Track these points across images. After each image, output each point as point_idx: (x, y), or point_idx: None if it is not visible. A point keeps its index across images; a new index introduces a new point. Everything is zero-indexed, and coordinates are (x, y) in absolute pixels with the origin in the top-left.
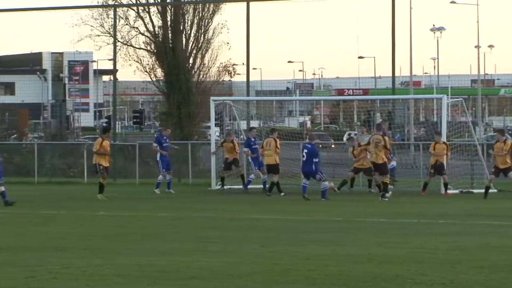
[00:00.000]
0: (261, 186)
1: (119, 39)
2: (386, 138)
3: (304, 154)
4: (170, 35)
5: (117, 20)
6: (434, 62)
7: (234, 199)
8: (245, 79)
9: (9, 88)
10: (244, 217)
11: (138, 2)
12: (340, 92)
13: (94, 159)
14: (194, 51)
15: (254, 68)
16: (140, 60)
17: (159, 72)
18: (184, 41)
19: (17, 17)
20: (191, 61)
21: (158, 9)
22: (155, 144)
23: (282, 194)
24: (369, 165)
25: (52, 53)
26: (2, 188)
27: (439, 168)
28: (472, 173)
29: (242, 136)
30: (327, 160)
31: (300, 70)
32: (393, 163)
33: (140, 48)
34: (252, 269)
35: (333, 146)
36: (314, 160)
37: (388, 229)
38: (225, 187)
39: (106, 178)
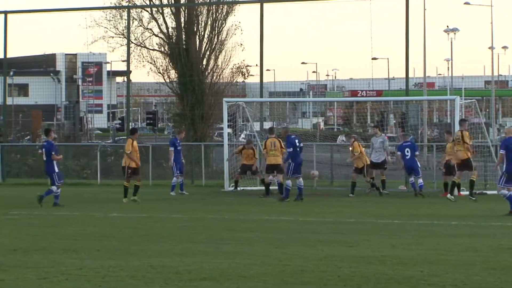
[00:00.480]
0: (276, 188)
1: (133, 41)
2: (466, 133)
3: (406, 151)
4: (183, 36)
5: (131, 22)
6: (447, 63)
7: (247, 201)
8: (258, 81)
9: (23, 90)
10: (256, 219)
11: (152, 3)
12: (354, 93)
13: (124, 161)
14: (208, 53)
15: (267, 69)
16: (154, 61)
17: (173, 74)
18: (197, 43)
19: (30, 18)
20: (204, 62)
21: (171, 11)
22: (171, 148)
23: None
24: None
25: (66, 54)
26: None
27: (452, 168)
28: (485, 175)
29: (255, 138)
30: (339, 162)
31: (313, 72)
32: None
33: (153, 50)
34: (264, 270)
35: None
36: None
37: (401, 231)
38: (239, 188)
39: (140, 180)
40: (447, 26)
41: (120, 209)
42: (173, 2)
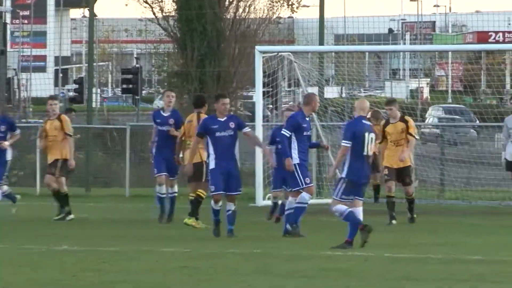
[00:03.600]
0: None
1: None
2: None
3: None
4: None
5: None
6: None
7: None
8: (315, 16)
9: None
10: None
11: None
12: (482, 36)
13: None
14: None
15: None
16: None
17: (169, 4)
18: None
19: None
20: None
21: None
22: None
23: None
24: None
25: None
26: None
27: None
28: None
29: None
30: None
31: (412, 0)
32: None
33: None
34: None
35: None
36: None
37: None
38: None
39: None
40: None
41: (73, 237)
42: None
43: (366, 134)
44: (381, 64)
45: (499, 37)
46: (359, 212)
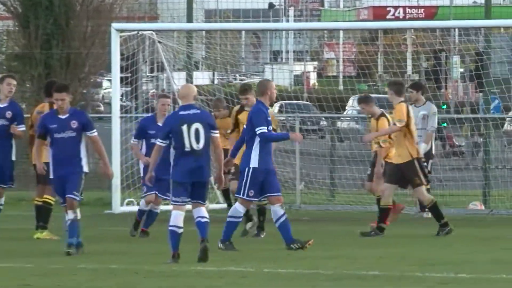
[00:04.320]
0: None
1: None
2: None
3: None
4: None
5: None
6: None
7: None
8: None
9: None
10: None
11: None
12: (379, 12)
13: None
14: None
15: None
16: None
17: None
18: None
19: None
20: None
21: None
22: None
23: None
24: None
25: None
26: None
27: None
28: None
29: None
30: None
31: None
32: None
33: None
34: None
35: None
36: None
37: None
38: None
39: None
40: None
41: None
42: None
43: (184, 127)
44: (260, 45)
45: (398, 13)
46: (201, 212)
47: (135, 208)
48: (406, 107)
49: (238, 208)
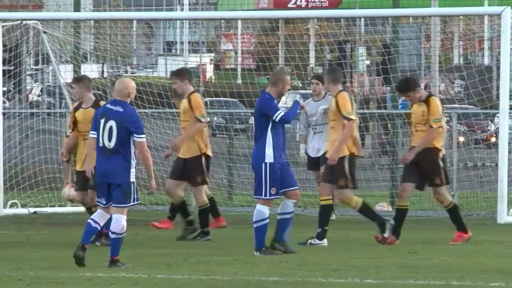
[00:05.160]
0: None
1: None
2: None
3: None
4: None
5: None
6: None
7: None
8: None
9: None
10: None
11: None
12: (280, 1)
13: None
14: None
15: None
16: None
17: None
18: None
19: None
20: None
21: None
22: None
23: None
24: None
25: None
26: None
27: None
28: None
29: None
30: None
31: None
32: None
33: None
34: None
35: None
36: None
37: None
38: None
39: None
40: None
41: None
42: None
43: (102, 121)
44: (153, 35)
45: (301, 1)
46: (113, 224)
47: (19, 211)
48: (349, 95)
49: (262, 209)
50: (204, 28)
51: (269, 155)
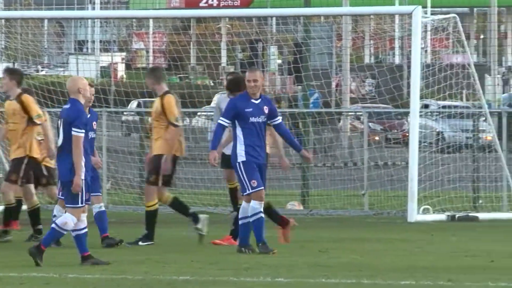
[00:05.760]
0: None
1: None
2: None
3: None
4: None
5: None
6: None
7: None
8: None
9: None
10: None
11: None
12: (191, 0)
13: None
14: None
15: None
16: None
17: None
18: None
19: None
20: None
21: None
22: None
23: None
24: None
25: None
26: None
27: None
28: (476, 177)
29: None
30: None
31: None
32: None
33: None
34: None
35: None
36: None
37: None
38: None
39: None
40: None
41: None
42: None
43: (59, 121)
44: (64, 34)
45: (212, 0)
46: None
47: None
48: (174, 97)
49: (245, 206)
50: (115, 27)
51: (240, 154)
